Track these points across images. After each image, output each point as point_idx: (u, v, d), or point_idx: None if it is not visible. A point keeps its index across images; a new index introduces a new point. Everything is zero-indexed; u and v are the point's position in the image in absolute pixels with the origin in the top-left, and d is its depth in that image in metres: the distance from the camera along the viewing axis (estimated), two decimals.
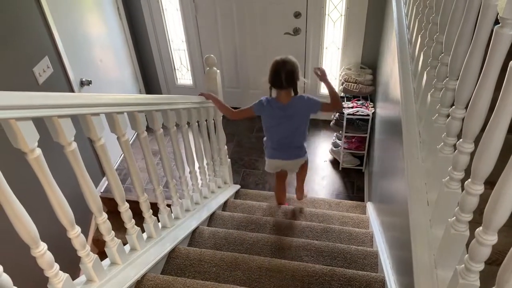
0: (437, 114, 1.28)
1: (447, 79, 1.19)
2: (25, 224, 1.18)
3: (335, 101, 2.40)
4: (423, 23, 1.64)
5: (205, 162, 2.68)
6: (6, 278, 1.14)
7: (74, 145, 1.32)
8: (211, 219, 2.75)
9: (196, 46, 4.20)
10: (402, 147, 1.63)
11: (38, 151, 1.17)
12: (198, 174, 2.58)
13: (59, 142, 1.29)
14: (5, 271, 1.14)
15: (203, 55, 4.15)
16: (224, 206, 3.08)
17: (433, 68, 1.41)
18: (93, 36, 3.43)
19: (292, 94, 2.40)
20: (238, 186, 3.52)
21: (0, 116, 1.00)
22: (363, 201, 3.45)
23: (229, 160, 3.21)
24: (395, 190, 1.88)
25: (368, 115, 3.46)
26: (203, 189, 2.75)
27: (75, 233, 1.42)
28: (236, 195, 3.45)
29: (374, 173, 3.09)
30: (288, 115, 2.40)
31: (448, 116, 1.15)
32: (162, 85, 4.55)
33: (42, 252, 1.27)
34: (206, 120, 2.63)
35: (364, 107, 3.54)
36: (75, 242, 1.45)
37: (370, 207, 3.03)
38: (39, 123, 1.19)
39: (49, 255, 1.31)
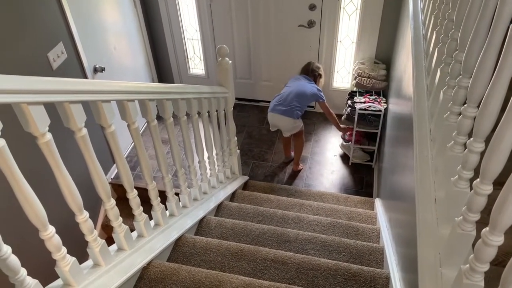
0: (448, 112, 1.27)
1: (460, 76, 1.18)
2: (34, 207, 1.20)
3: (333, 122, 3.65)
4: (439, 19, 1.62)
5: (214, 152, 2.69)
6: (15, 259, 1.17)
7: (85, 131, 1.34)
8: (219, 209, 2.77)
9: (210, 36, 4.19)
10: (412, 144, 1.61)
11: (49, 135, 1.18)
12: (207, 164, 2.60)
13: (70, 128, 1.31)
14: (13, 252, 1.16)
15: (216, 45, 4.13)
16: (232, 196, 3.10)
17: (447, 65, 1.39)
18: (108, 23, 3.44)
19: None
20: (246, 177, 3.54)
21: (12, 100, 1.02)
22: (372, 197, 3.43)
23: (238, 151, 3.22)
24: (404, 187, 1.86)
25: (380, 110, 3.43)
26: (212, 179, 2.76)
27: (83, 217, 1.44)
28: (245, 186, 3.47)
29: (384, 169, 3.07)
30: (299, 83, 3.39)
31: (459, 114, 1.14)
32: (175, 74, 4.55)
33: (50, 235, 1.30)
34: (216, 111, 2.63)
35: (376, 102, 3.51)
36: (83, 226, 1.47)
37: (378, 203, 3.02)
38: (52, 109, 1.20)
39: (57, 238, 1.33)
